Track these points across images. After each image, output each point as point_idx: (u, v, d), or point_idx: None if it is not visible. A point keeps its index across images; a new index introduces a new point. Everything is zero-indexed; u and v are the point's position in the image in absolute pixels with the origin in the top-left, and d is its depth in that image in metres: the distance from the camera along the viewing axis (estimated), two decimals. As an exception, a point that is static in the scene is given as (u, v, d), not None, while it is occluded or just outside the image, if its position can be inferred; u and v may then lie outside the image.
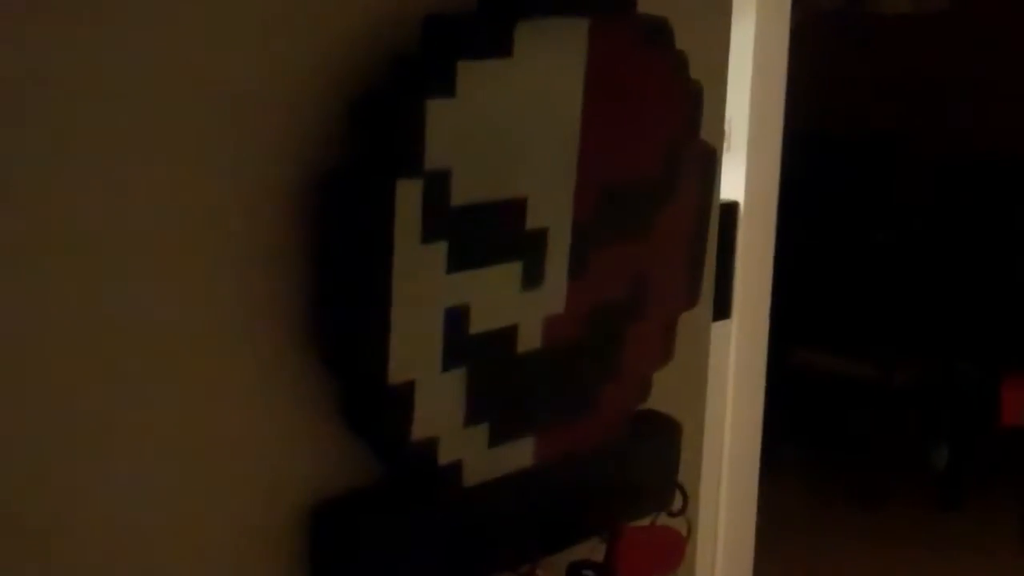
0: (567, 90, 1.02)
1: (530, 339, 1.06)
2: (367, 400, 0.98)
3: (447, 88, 0.93)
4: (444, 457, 1.03)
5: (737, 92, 2.93)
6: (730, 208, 2.99)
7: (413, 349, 0.98)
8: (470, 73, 0.94)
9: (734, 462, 3.08)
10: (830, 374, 4.07)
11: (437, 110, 0.93)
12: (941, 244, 4.06)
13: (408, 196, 0.93)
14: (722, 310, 3.02)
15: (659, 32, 1.08)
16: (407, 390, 0.98)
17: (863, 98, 4.44)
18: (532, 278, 1.04)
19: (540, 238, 1.04)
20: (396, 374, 0.97)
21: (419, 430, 1.00)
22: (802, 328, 3.94)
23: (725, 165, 3.09)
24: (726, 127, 3.01)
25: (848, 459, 4.16)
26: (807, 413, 4.23)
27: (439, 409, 1.01)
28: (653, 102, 1.09)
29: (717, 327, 3.06)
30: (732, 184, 2.96)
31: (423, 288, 0.97)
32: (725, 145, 3.05)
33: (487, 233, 1.00)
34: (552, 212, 1.04)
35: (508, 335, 1.04)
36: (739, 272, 3.05)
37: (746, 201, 3.02)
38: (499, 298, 1.02)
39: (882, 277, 4.02)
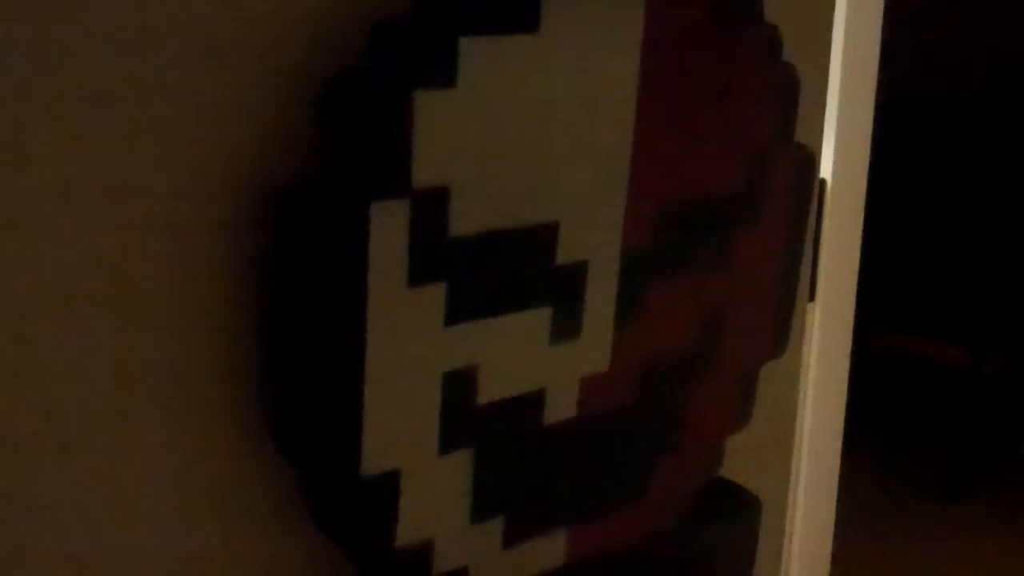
0: (615, 78, 0.75)
1: (562, 407, 0.80)
2: (337, 497, 0.73)
3: (445, 74, 0.67)
4: (442, 564, 0.77)
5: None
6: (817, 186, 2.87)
7: (397, 429, 0.72)
8: (477, 54, 0.68)
9: (814, 449, 2.97)
10: (917, 358, 3.88)
11: (430, 105, 0.67)
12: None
13: (388, 224, 0.67)
14: (807, 292, 2.91)
15: (743, 0, 0.81)
16: (389, 482, 0.73)
17: (964, 66, 4.11)
18: (565, 328, 0.78)
19: (576, 275, 0.78)
20: (372, 463, 0.71)
21: (407, 532, 0.75)
22: (889, 310, 3.77)
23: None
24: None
25: (934, 447, 3.99)
26: (892, 398, 4.10)
27: (435, 504, 0.75)
28: (733, 94, 0.81)
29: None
30: (820, 160, 2.83)
31: (411, 347, 0.71)
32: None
33: (502, 271, 0.73)
34: (593, 241, 0.78)
35: (531, 403, 0.78)
36: (824, 252, 2.92)
37: (833, 177, 2.88)
38: (519, 356, 0.76)
39: (975, 257, 3.77)
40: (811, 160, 0.88)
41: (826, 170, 2.95)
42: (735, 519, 0.97)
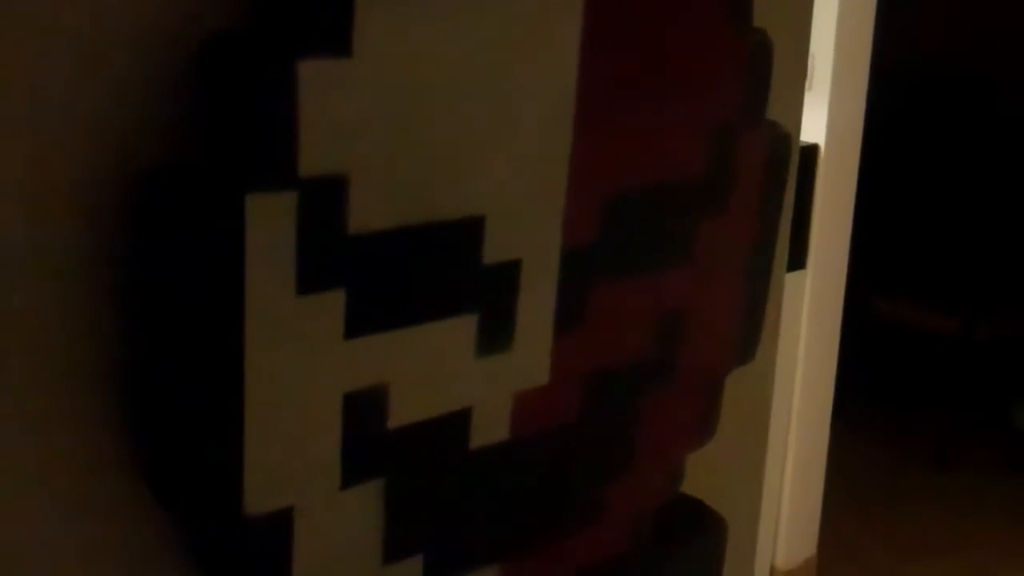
0: (552, 47, 0.64)
1: (491, 428, 0.69)
2: (221, 541, 0.62)
3: (338, 40, 0.56)
4: (349, 612, 0.66)
5: (821, 24, 2.67)
6: (809, 151, 2.81)
7: (288, 460, 0.61)
8: (378, 15, 0.56)
9: (804, 419, 2.93)
10: (909, 327, 3.82)
11: (320, 78, 0.55)
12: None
13: (269, 219, 0.56)
14: (797, 260, 2.86)
15: (707, -46, 0.69)
16: (280, 522, 0.62)
17: (961, 34, 4.00)
18: (494, 338, 0.67)
19: (507, 277, 0.66)
20: (258, 501, 0.60)
21: (305, 577, 0.64)
22: (881, 277, 3.70)
23: (806, 104, 2.80)
24: (808, 63, 2.70)
25: (924, 416, 3.95)
26: (883, 367, 4.05)
27: (338, 545, 0.64)
28: (694, 64, 0.70)
29: (791, 277, 2.82)
30: (813, 125, 2.79)
31: (303, 364, 0.60)
32: (806, 84, 2.75)
33: (415, 274, 0.62)
34: (527, 237, 0.66)
35: (454, 426, 0.67)
36: (816, 219, 2.86)
37: (827, 143, 2.83)
38: (438, 372, 0.65)
39: (969, 226, 3.69)
40: (786, 140, 0.76)
41: (819, 136, 2.88)
42: (697, 541, 0.86)
